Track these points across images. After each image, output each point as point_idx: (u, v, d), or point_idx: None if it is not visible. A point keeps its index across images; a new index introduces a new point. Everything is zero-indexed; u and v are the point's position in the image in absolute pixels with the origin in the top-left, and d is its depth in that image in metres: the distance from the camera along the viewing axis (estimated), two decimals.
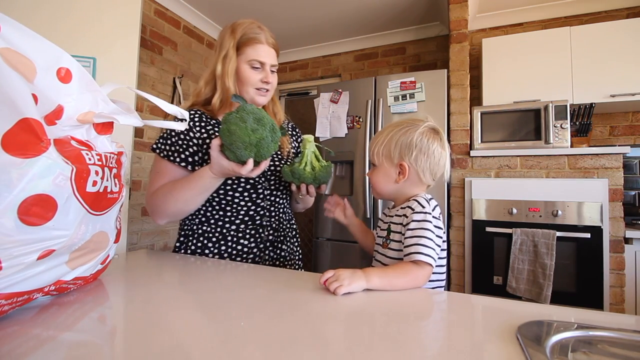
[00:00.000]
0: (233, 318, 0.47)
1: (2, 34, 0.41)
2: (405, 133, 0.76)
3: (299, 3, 2.60)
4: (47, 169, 0.42)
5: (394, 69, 3.02)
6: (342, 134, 2.32)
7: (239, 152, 0.75)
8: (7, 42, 0.41)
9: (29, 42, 0.44)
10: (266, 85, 0.95)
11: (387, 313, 0.52)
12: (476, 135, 2.06)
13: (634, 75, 1.99)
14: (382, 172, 0.79)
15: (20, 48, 0.42)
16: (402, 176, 0.76)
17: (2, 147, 0.38)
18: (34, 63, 0.44)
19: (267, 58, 0.94)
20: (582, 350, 0.40)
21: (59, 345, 0.39)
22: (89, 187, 0.48)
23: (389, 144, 0.77)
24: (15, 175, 0.39)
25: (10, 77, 0.40)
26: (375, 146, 0.79)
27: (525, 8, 2.53)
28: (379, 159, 0.79)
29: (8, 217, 0.39)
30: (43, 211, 0.42)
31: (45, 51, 0.46)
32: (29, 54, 0.43)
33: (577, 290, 1.69)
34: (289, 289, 0.62)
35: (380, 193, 0.80)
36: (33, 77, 0.44)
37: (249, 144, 0.74)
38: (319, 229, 2.39)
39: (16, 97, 0.40)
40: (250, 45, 0.92)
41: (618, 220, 1.69)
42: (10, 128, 0.39)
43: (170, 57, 2.63)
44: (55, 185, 0.43)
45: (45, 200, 0.42)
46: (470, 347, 0.41)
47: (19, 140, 0.40)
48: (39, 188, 0.41)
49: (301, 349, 0.38)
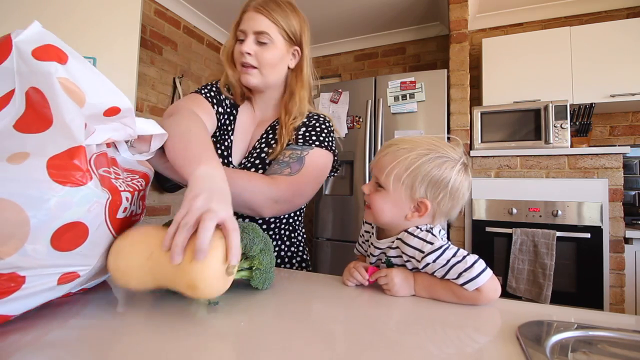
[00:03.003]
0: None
1: (67, 67, 0.42)
2: (440, 166, 0.59)
3: (299, 3, 2.58)
4: (86, 197, 0.41)
5: (394, 69, 3.03)
6: (342, 134, 2.32)
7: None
8: (68, 73, 0.42)
9: (89, 78, 0.44)
10: (244, 58, 0.77)
11: (387, 313, 0.52)
12: (476, 135, 2.07)
13: (634, 75, 1.99)
14: (393, 201, 0.61)
15: (79, 81, 0.43)
16: (418, 214, 0.61)
17: (47, 171, 0.38)
18: (85, 95, 0.44)
19: (249, 24, 0.77)
20: (582, 350, 0.40)
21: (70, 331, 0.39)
22: (120, 214, 0.48)
23: (415, 174, 0.59)
24: (54, 202, 0.38)
25: (67, 103, 0.40)
26: (395, 167, 0.60)
27: (525, 8, 2.54)
28: (395, 185, 0.60)
29: (42, 243, 0.38)
30: (75, 237, 0.41)
31: (100, 89, 0.46)
32: (84, 87, 0.44)
33: (577, 290, 1.69)
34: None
35: (380, 222, 0.64)
36: (81, 106, 0.44)
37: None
38: (319, 229, 2.39)
39: (70, 123, 0.40)
40: (241, 20, 0.79)
41: (618, 220, 1.69)
42: (59, 153, 0.39)
43: (170, 57, 2.63)
44: (90, 213, 0.42)
45: (78, 227, 0.41)
46: (470, 347, 0.41)
47: (65, 166, 0.39)
48: (75, 216, 0.40)
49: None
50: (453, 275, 0.55)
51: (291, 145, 0.81)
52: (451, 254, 0.56)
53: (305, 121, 0.85)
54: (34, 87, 0.41)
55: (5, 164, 0.37)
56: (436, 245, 0.57)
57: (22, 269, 0.39)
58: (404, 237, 0.61)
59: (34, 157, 0.38)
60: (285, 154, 0.79)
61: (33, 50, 0.41)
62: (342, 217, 2.31)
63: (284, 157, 0.78)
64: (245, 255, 0.55)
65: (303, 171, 0.76)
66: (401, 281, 0.59)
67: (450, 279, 0.56)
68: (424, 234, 0.59)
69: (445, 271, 0.56)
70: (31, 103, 0.41)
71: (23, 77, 0.41)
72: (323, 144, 0.82)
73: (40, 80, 0.41)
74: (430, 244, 0.57)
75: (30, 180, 0.37)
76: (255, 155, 0.84)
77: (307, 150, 0.79)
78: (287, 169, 0.76)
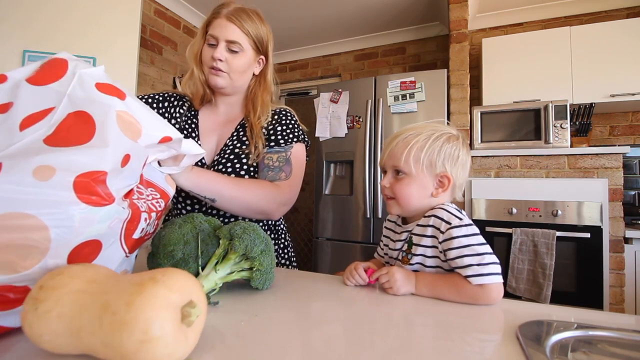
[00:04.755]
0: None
1: (126, 102, 0.45)
2: (449, 141, 0.65)
3: (299, 3, 2.60)
4: (107, 214, 0.41)
5: (394, 68, 3.02)
6: (342, 134, 2.32)
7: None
8: (128, 107, 0.45)
9: (145, 113, 0.48)
10: (216, 63, 0.82)
11: (387, 312, 0.52)
12: (476, 135, 2.07)
13: (634, 75, 1.99)
14: (417, 183, 0.64)
15: (136, 114, 0.46)
16: (442, 189, 0.65)
17: (74, 189, 0.38)
18: (142, 127, 0.47)
19: (221, 32, 0.82)
20: (582, 350, 0.40)
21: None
22: (136, 234, 0.48)
23: (432, 150, 0.64)
24: (77, 220, 0.38)
25: (115, 131, 0.42)
26: (411, 150, 0.64)
27: (525, 8, 2.53)
28: (417, 166, 0.64)
29: (61, 258, 0.38)
30: (89, 254, 0.41)
31: (155, 122, 0.50)
32: (141, 120, 0.47)
33: (577, 290, 1.70)
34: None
35: (407, 208, 0.66)
36: (138, 138, 0.47)
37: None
38: (319, 229, 2.39)
39: (112, 148, 0.41)
40: (211, 24, 0.84)
41: (618, 220, 1.69)
42: (87, 172, 0.39)
43: (170, 57, 2.63)
44: (110, 230, 0.42)
45: (95, 244, 0.41)
46: (470, 346, 0.41)
47: (91, 186, 0.39)
48: (95, 233, 0.40)
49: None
50: (466, 261, 0.56)
51: (274, 147, 0.87)
52: (479, 237, 0.58)
53: (276, 117, 0.91)
54: (84, 111, 0.42)
55: (32, 178, 0.37)
56: (464, 221, 0.59)
57: (35, 282, 0.39)
58: (435, 210, 0.63)
59: (61, 172, 0.38)
60: (272, 159, 0.86)
61: (97, 84, 0.44)
62: (342, 217, 2.31)
63: (273, 162, 0.85)
64: (246, 256, 0.55)
65: (293, 171, 0.86)
66: (402, 277, 0.60)
67: (459, 266, 0.57)
68: (454, 210, 0.62)
69: (460, 253, 0.57)
70: (70, 123, 0.41)
71: (73, 100, 0.43)
72: (299, 138, 0.90)
73: (97, 109, 0.43)
74: (459, 219, 0.60)
75: (55, 197, 0.37)
76: (229, 152, 0.87)
77: (289, 150, 0.87)
78: (282, 173, 0.84)
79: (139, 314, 0.28)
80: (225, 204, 0.75)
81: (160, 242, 0.56)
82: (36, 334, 0.32)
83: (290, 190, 0.84)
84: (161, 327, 0.29)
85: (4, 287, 0.37)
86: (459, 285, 0.56)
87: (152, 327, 0.28)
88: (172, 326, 0.30)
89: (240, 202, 0.76)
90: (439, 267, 0.63)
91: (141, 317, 0.28)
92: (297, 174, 0.87)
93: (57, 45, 1.72)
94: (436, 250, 0.62)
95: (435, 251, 0.62)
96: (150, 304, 0.29)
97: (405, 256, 0.66)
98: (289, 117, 0.92)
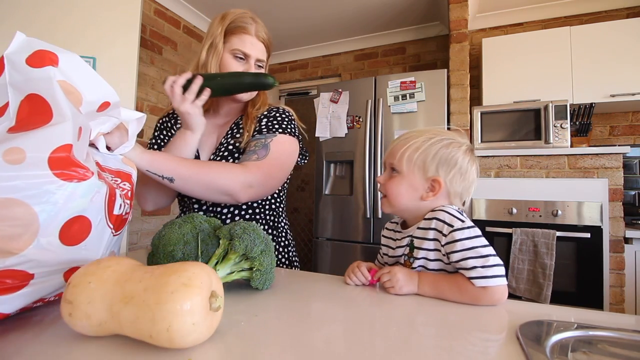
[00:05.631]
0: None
1: (60, 67, 0.44)
2: (448, 146, 0.65)
3: (298, 3, 2.60)
4: (89, 188, 0.42)
5: (394, 68, 3.03)
6: (342, 134, 2.32)
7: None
8: (64, 75, 0.44)
9: (81, 75, 0.47)
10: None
11: (388, 312, 0.52)
12: (476, 135, 2.07)
13: (634, 75, 1.99)
14: (408, 182, 0.65)
15: (74, 81, 0.46)
16: (432, 193, 0.64)
17: (49, 167, 0.39)
18: (82, 96, 0.46)
19: (253, 50, 0.85)
20: (582, 350, 0.40)
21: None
22: (116, 210, 0.49)
23: (426, 153, 0.64)
24: (60, 195, 0.39)
25: (66, 105, 0.42)
26: (407, 150, 0.65)
27: (525, 8, 2.54)
28: (408, 165, 0.65)
29: (53, 235, 0.40)
30: (80, 231, 0.43)
31: (92, 86, 0.48)
32: (80, 87, 0.46)
33: (577, 290, 1.70)
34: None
35: (397, 207, 0.67)
36: (79, 106, 0.46)
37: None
38: (319, 229, 2.39)
39: (69, 123, 0.41)
40: (237, 35, 0.84)
41: (618, 220, 1.69)
42: (58, 147, 0.40)
43: (170, 57, 2.63)
44: (93, 204, 0.43)
45: (83, 221, 0.43)
46: (471, 346, 0.41)
47: (65, 161, 0.40)
48: (80, 208, 0.42)
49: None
50: (470, 263, 0.56)
51: (256, 136, 0.86)
52: (480, 243, 0.57)
53: (266, 113, 0.91)
54: (33, 93, 0.42)
55: (4, 163, 0.37)
56: (467, 224, 0.59)
57: (34, 265, 0.40)
58: (435, 212, 0.62)
59: (32, 153, 0.38)
60: (251, 145, 0.85)
61: (27, 59, 0.42)
62: (342, 217, 2.31)
63: (250, 147, 0.84)
64: (246, 256, 0.55)
65: (270, 155, 0.82)
66: (404, 277, 0.59)
67: (464, 267, 0.56)
68: (455, 212, 0.61)
69: (463, 256, 0.56)
70: (26, 110, 0.41)
71: (17, 87, 0.42)
72: (286, 130, 0.88)
73: (41, 86, 0.42)
74: (461, 221, 0.59)
75: (33, 177, 0.38)
76: (223, 149, 0.88)
77: (271, 138, 0.85)
78: (254, 156, 0.81)
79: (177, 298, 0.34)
80: (183, 184, 0.72)
81: (160, 242, 0.56)
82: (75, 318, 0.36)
83: (259, 171, 0.78)
84: (194, 309, 0.35)
85: (3, 272, 0.38)
86: (462, 286, 0.56)
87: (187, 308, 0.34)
88: (203, 309, 0.36)
89: (199, 181, 0.72)
90: (442, 269, 0.62)
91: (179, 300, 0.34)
92: (273, 159, 0.82)
93: (57, 45, 1.71)
94: (439, 253, 0.61)
95: (437, 254, 0.62)
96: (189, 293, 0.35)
97: (407, 260, 0.65)
98: (281, 112, 0.92)
